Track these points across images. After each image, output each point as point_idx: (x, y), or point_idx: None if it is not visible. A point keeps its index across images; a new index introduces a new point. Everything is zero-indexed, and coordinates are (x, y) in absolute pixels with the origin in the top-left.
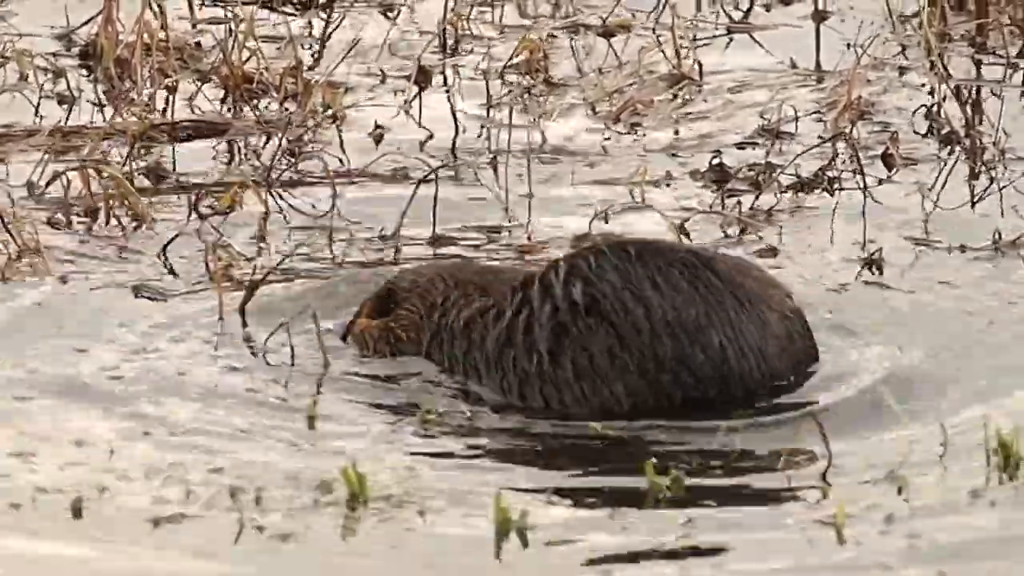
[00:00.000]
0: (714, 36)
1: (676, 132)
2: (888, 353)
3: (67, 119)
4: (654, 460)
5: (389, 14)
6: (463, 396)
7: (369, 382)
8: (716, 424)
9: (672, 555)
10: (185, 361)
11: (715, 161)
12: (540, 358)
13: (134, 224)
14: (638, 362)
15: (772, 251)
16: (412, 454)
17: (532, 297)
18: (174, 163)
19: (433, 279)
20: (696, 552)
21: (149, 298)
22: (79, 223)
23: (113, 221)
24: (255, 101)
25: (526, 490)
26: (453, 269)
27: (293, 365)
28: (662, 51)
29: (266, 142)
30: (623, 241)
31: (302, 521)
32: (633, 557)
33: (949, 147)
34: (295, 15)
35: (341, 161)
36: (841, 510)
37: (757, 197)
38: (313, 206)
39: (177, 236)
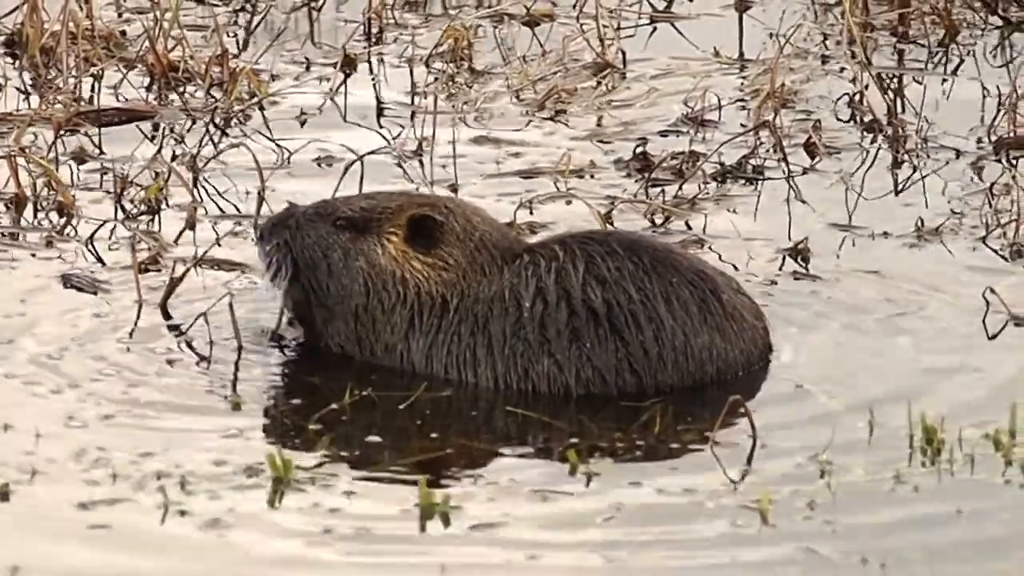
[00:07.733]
0: (637, 25)
1: (600, 120)
2: (813, 339)
3: None
4: (578, 443)
5: (314, 3)
6: (388, 376)
7: (292, 366)
8: (643, 408)
9: (595, 540)
10: (110, 349)
11: (639, 150)
12: (549, 360)
13: (60, 212)
14: (644, 381)
15: (699, 242)
16: (336, 436)
17: (547, 290)
18: (100, 149)
19: (485, 239)
20: (620, 536)
21: (77, 287)
22: (5, 211)
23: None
24: (181, 89)
25: (453, 471)
26: (501, 236)
27: (213, 353)
28: (586, 39)
29: (191, 127)
30: (632, 239)
31: (227, 504)
32: (557, 543)
33: (872, 135)
34: (218, 3)
35: (269, 148)
36: (766, 496)
37: (681, 186)
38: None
39: (103, 224)
